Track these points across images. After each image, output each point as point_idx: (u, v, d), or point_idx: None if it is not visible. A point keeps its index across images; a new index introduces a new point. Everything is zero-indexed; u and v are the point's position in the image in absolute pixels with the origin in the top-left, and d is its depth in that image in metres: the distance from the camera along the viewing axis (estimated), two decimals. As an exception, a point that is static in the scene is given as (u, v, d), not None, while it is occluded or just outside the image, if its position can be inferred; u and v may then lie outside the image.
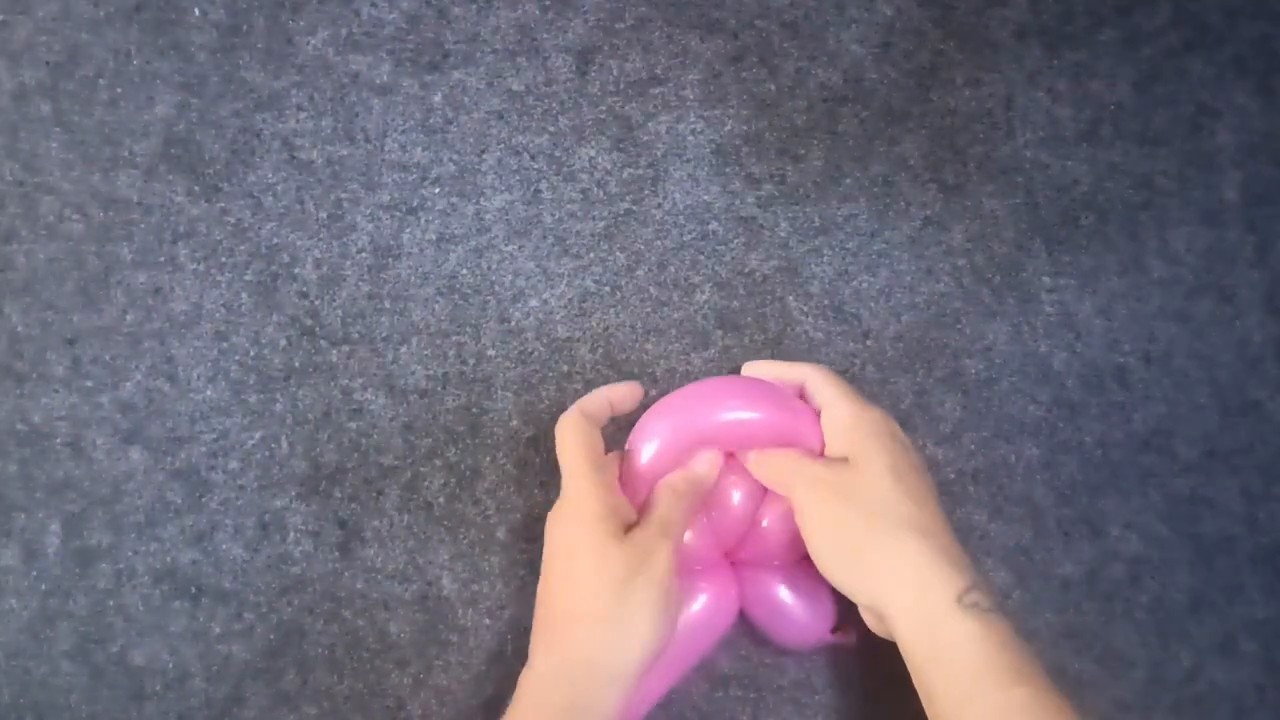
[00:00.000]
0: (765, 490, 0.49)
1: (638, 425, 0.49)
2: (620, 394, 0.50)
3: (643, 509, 0.47)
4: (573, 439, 0.47)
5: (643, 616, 0.43)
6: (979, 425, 0.57)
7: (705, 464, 0.48)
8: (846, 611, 0.52)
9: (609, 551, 0.43)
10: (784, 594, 0.50)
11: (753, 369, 0.53)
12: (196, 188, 0.56)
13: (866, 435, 0.46)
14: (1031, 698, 0.39)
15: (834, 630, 0.52)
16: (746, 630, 0.53)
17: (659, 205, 0.57)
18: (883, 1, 0.59)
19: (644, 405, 0.54)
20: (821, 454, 0.48)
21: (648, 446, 0.48)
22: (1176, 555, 0.56)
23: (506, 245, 0.57)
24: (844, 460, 0.46)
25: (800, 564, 0.50)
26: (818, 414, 0.49)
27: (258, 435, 0.55)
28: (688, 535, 0.49)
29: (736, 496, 0.50)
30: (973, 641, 0.40)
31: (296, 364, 0.55)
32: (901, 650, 0.43)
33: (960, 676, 0.40)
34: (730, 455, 0.50)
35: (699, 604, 0.49)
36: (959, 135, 0.58)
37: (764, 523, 0.50)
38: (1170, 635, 0.56)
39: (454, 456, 0.55)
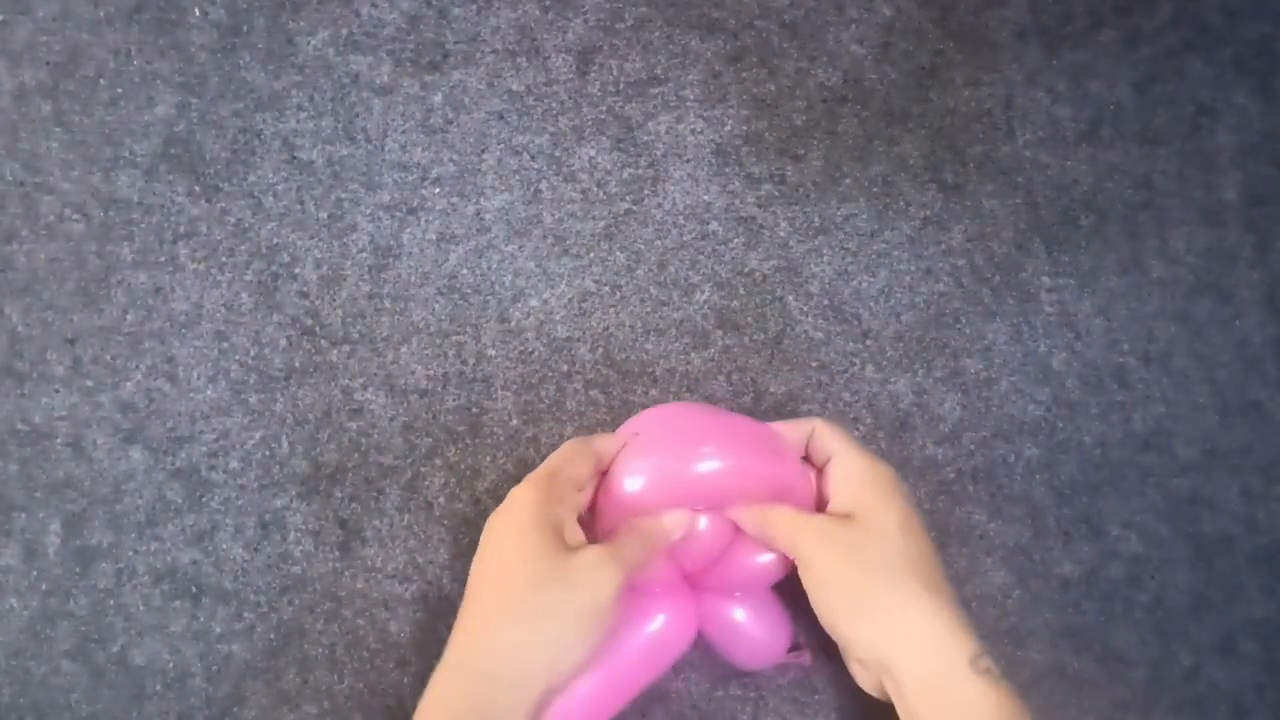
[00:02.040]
0: (735, 525, 0.48)
1: (625, 453, 0.48)
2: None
3: (604, 537, 0.46)
4: (558, 453, 0.46)
5: (564, 629, 0.41)
6: (978, 425, 0.57)
7: (674, 522, 0.47)
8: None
9: (541, 556, 0.42)
10: (741, 616, 0.50)
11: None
12: (197, 188, 0.56)
13: (877, 489, 0.45)
14: None
15: (790, 650, 0.51)
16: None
17: (659, 205, 0.57)
18: (883, 1, 0.59)
19: (646, 404, 0.55)
20: (811, 509, 0.47)
21: (630, 481, 0.47)
22: (1176, 555, 0.56)
23: (506, 245, 0.57)
24: (849, 515, 0.45)
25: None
26: (809, 470, 0.48)
27: (258, 435, 0.55)
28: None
29: (704, 525, 0.48)
30: (986, 706, 0.40)
31: (297, 364, 0.55)
32: (902, 709, 0.42)
33: None
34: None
35: (656, 624, 0.49)
36: (959, 135, 0.58)
37: (734, 557, 0.49)
38: (1170, 635, 0.56)
39: (454, 456, 0.55)
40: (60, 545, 0.54)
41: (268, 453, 0.55)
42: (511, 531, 0.43)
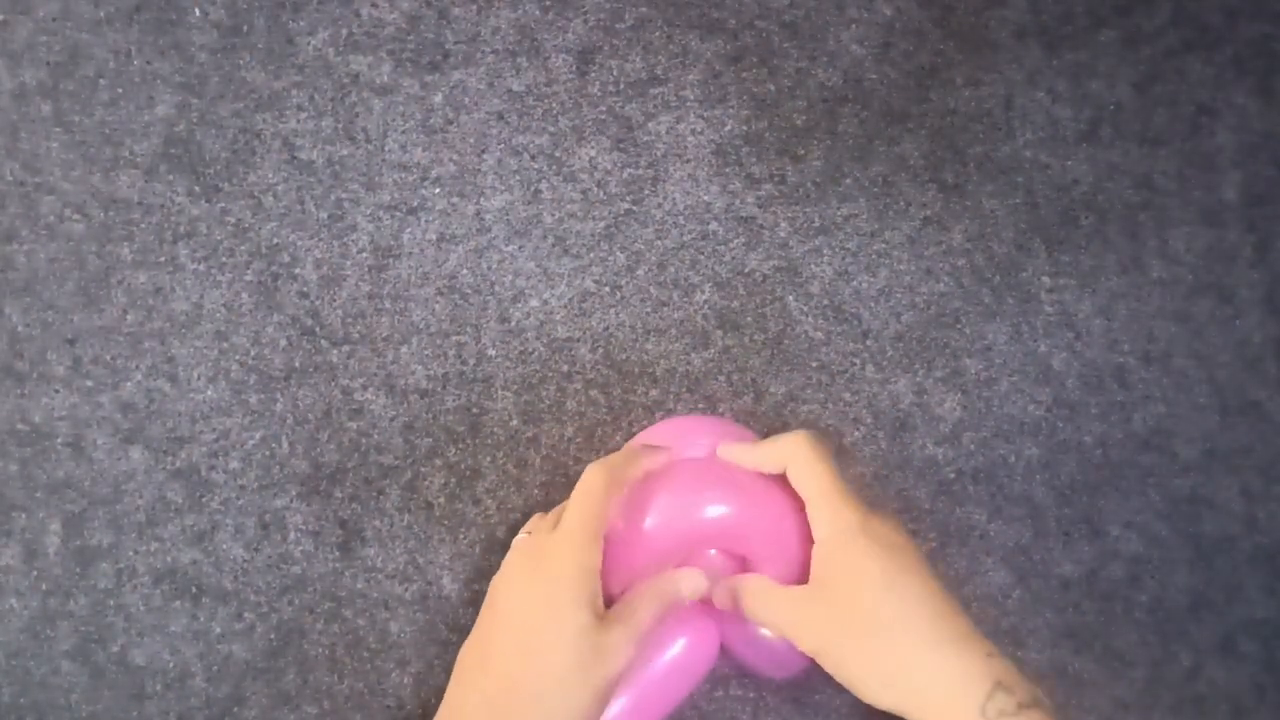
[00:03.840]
0: (745, 561, 0.49)
1: (639, 493, 0.48)
2: (656, 465, 0.49)
3: (611, 571, 0.46)
4: (591, 500, 0.45)
5: (581, 706, 0.42)
6: (979, 425, 0.57)
7: (691, 582, 0.47)
8: None
9: (579, 641, 0.42)
10: (762, 630, 0.50)
11: (728, 454, 0.50)
12: (197, 188, 0.56)
13: (846, 546, 0.44)
14: None
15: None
16: (727, 665, 0.53)
17: (659, 205, 0.57)
18: (883, 1, 0.59)
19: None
20: (806, 552, 0.47)
21: (650, 520, 0.47)
22: (1176, 555, 0.56)
23: (506, 245, 0.57)
24: (829, 581, 0.45)
25: None
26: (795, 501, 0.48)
27: (258, 435, 0.55)
28: None
29: (719, 561, 0.49)
30: None
31: (297, 364, 0.55)
32: None
33: None
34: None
35: (677, 648, 0.49)
36: (959, 135, 0.58)
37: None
38: (1170, 635, 0.56)
39: (454, 456, 0.55)
40: (60, 545, 0.54)
41: (268, 453, 0.55)
42: (553, 603, 0.43)
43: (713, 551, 0.50)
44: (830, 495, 0.46)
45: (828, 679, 0.54)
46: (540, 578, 0.44)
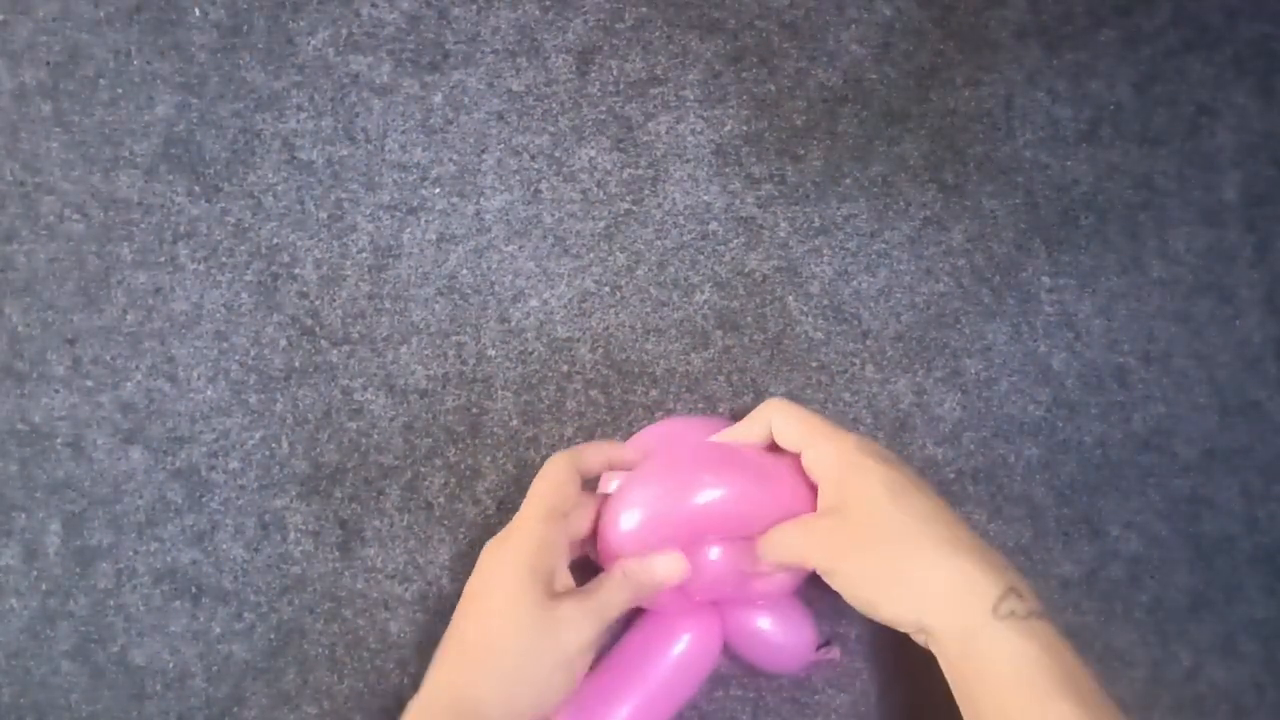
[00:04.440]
0: (748, 546, 0.47)
1: (624, 484, 0.47)
2: (624, 458, 0.49)
3: (607, 567, 0.46)
4: (548, 482, 0.46)
5: (535, 676, 0.43)
6: (978, 425, 0.57)
7: (667, 566, 0.46)
8: (830, 628, 0.53)
9: (527, 608, 0.43)
10: (766, 624, 0.50)
11: (721, 438, 0.50)
12: (197, 188, 0.56)
13: (852, 468, 0.45)
14: (1074, 712, 0.38)
15: (819, 648, 0.52)
16: (728, 664, 0.52)
17: (659, 205, 0.57)
18: (883, 1, 0.59)
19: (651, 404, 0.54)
20: (812, 502, 0.47)
21: (626, 517, 0.46)
22: (1176, 555, 0.56)
23: (506, 245, 0.57)
24: (841, 505, 0.44)
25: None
26: (793, 463, 0.47)
27: (258, 435, 0.55)
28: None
29: (716, 556, 0.48)
30: (1011, 655, 0.39)
31: (297, 364, 0.55)
32: (947, 671, 0.42)
33: (1000, 692, 0.39)
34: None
35: (681, 645, 0.49)
36: (959, 135, 0.58)
37: (750, 575, 0.48)
38: (1170, 635, 0.56)
39: (454, 456, 0.55)
40: (60, 545, 0.54)
41: (268, 453, 0.55)
42: (504, 572, 0.44)
43: (715, 553, 0.48)
44: (822, 430, 0.46)
45: (828, 679, 0.54)
46: (498, 555, 0.45)
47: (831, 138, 0.58)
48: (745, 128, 0.58)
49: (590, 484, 0.51)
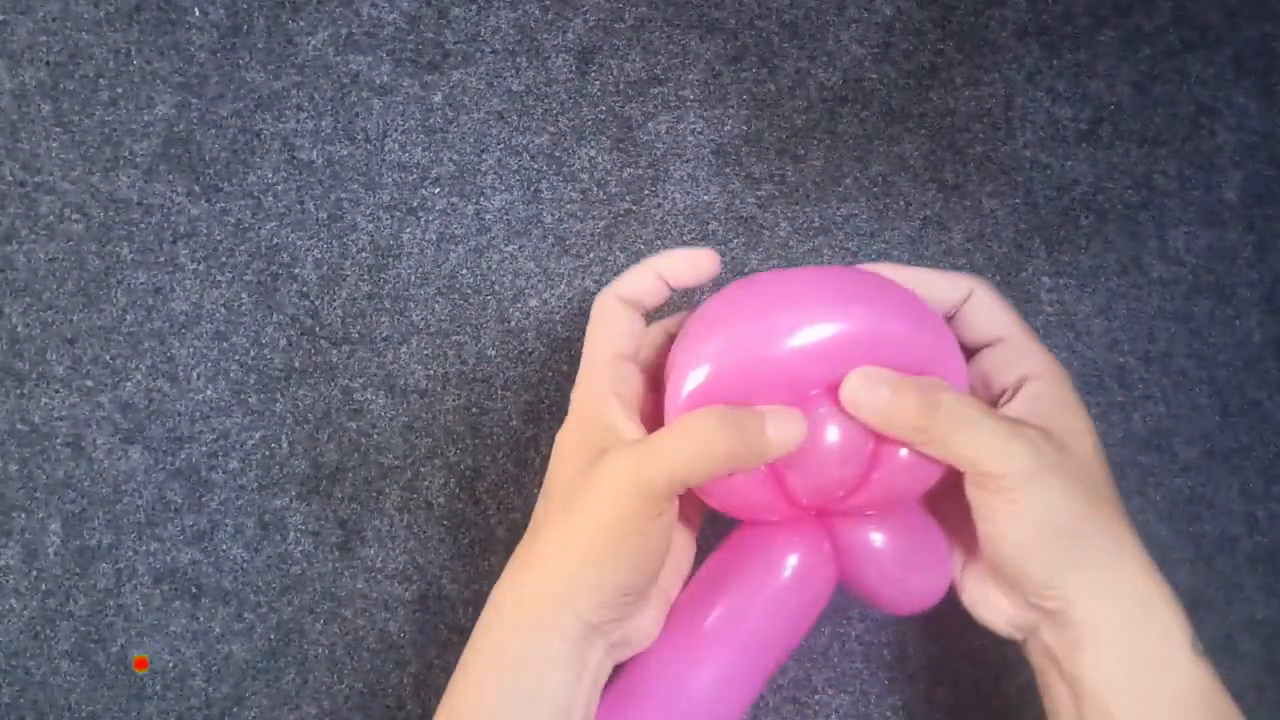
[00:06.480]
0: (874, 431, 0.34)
1: (689, 333, 0.35)
2: (676, 266, 0.37)
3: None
4: (598, 334, 0.37)
5: (583, 553, 0.33)
6: (979, 425, 0.56)
7: (781, 423, 0.32)
8: (830, 628, 0.52)
9: (573, 472, 0.35)
10: (891, 547, 0.36)
11: (880, 270, 0.37)
12: (196, 188, 0.56)
13: (1071, 399, 0.35)
14: None
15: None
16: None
17: (659, 205, 0.57)
18: (883, 1, 0.59)
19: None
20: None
21: (694, 375, 0.33)
22: (1176, 555, 0.56)
23: (506, 245, 0.57)
24: (1054, 427, 0.35)
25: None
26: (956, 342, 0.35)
27: (258, 435, 0.55)
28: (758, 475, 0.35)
29: (834, 436, 0.34)
30: (1202, 696, 0.33)
31: (296, 364, 0.55)
32: (1061, 670, 0.35)
33: None
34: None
35: (789, 569, 0.36)
36: (959, 135, 0.58)
37: (874, 475, 0.35)
38: (1170, 635, 0.56)
39: (454, 456, 0.55)
40: (60, 545, 0.54)
41: (268, 453, 0.55)
42: (575, 452, 0.36)
43: (833, 431, 0.34)
44: (1034, 337, 0.37)
45: (828, 679, 0.54)
46: (565, 439, 0.38)
47: (831, 138, 0.58)
48: (745, 128, 0.58)
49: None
